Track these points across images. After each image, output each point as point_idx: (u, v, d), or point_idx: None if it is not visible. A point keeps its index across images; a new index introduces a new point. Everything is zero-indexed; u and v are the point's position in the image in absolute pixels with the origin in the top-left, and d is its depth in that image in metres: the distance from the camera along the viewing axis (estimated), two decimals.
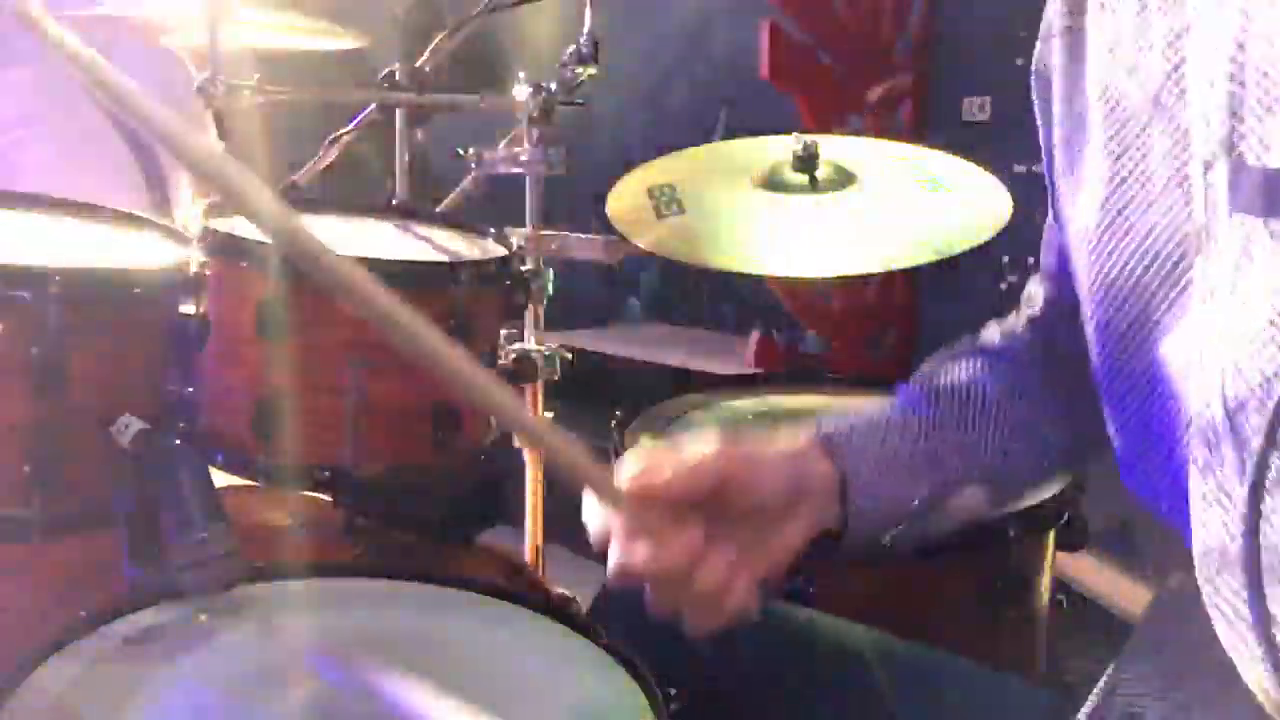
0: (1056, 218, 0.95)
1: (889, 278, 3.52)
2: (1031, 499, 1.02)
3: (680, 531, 0.83)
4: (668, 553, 0.83)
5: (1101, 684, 0.87)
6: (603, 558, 0.86)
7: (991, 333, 1.08)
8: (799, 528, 0.91)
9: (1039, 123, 0.95)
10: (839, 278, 3.39)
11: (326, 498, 1.45)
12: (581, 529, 0.88)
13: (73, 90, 2.37)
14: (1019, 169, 2.55)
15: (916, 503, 0.95)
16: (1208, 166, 0.68)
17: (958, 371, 1.02)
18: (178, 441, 1.25)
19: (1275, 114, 0.63)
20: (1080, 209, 0.86)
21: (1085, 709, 0.86)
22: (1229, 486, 0.68)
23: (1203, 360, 0.72)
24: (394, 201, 1.89)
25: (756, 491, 0.88)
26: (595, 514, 0.86)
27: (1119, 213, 0.80)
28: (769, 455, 0.91)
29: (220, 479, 1.18)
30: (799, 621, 1.11)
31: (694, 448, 0.87)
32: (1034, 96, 0.95)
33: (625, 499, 0.83)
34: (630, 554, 0.83)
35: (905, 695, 1.02)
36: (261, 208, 0.77)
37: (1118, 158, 0.81)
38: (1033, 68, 0.95)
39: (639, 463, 0.85)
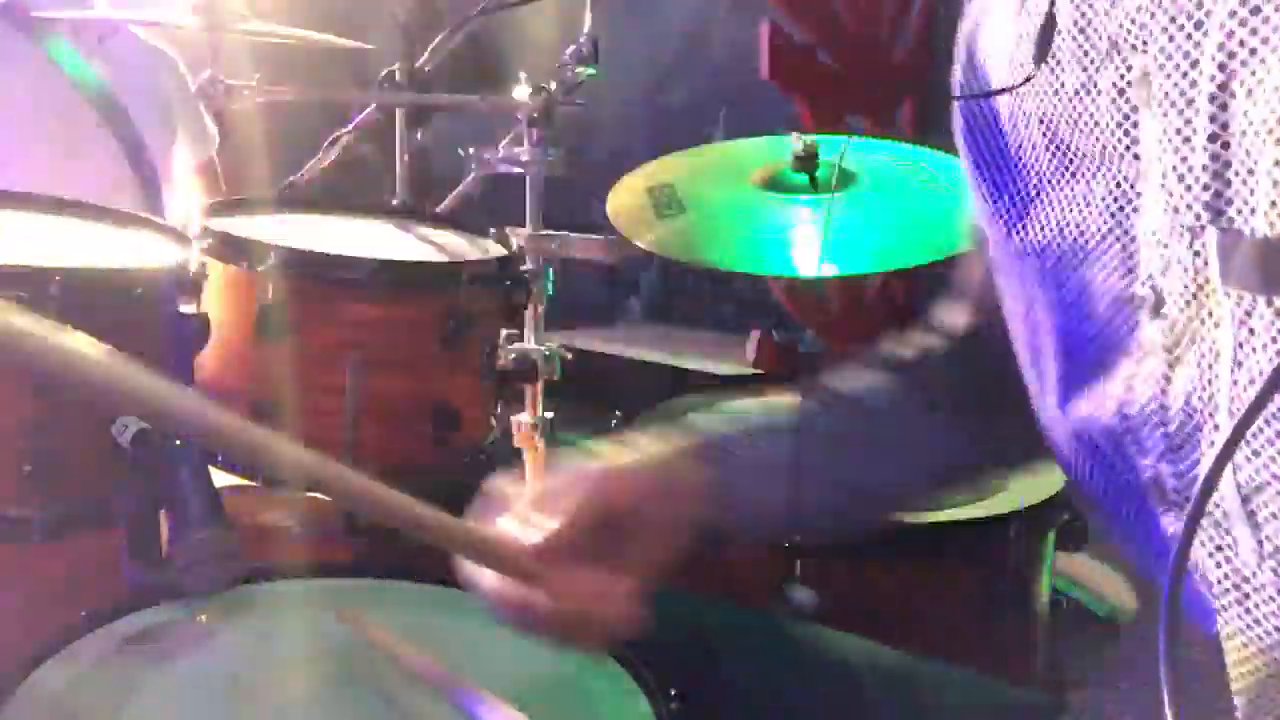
0: (983, 248, 0.92)
1: (889, 278, 3.52)
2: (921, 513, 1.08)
3: (568, 577, 0.85)
4: (561, 604, 0.85)
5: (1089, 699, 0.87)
6: None
7: (896, 346, 1.06)
8: (671, 537, 0.92)
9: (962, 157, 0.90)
10: (839, 278, 3.40)
11: (326, 498, 1.45)
12: None
13: (66, 92, 2.37)
14: None
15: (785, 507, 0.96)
16: (1194, 234, 0.64)
17: (850, 378, 1.02)
18: (178, 441, 1.25)
19: (1257, 175, 0.60)
20: (1009, 254, 0.83)
21: None
22: (1248, 570, 0.66)
23: (1167, 429, 0.70)
24: (394, 201, 1.89)
25: (635, 513, 0.89)
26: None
27: (1055, 263, 0.77)
28: (638, 474, 0.92)
29: (220, 479, 1.18)
30: (796, 633, 1.11)
31: (561, 489, 0.89)
32: (954, 130, 0.90)
33: (522, 568, 0.86)
34: (523, 611, 0.87)
35: (899, 706, 1.02)
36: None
37: (1055, 206, 0.77)
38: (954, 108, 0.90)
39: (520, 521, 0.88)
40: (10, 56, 2.33)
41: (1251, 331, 0.62)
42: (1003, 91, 0.81)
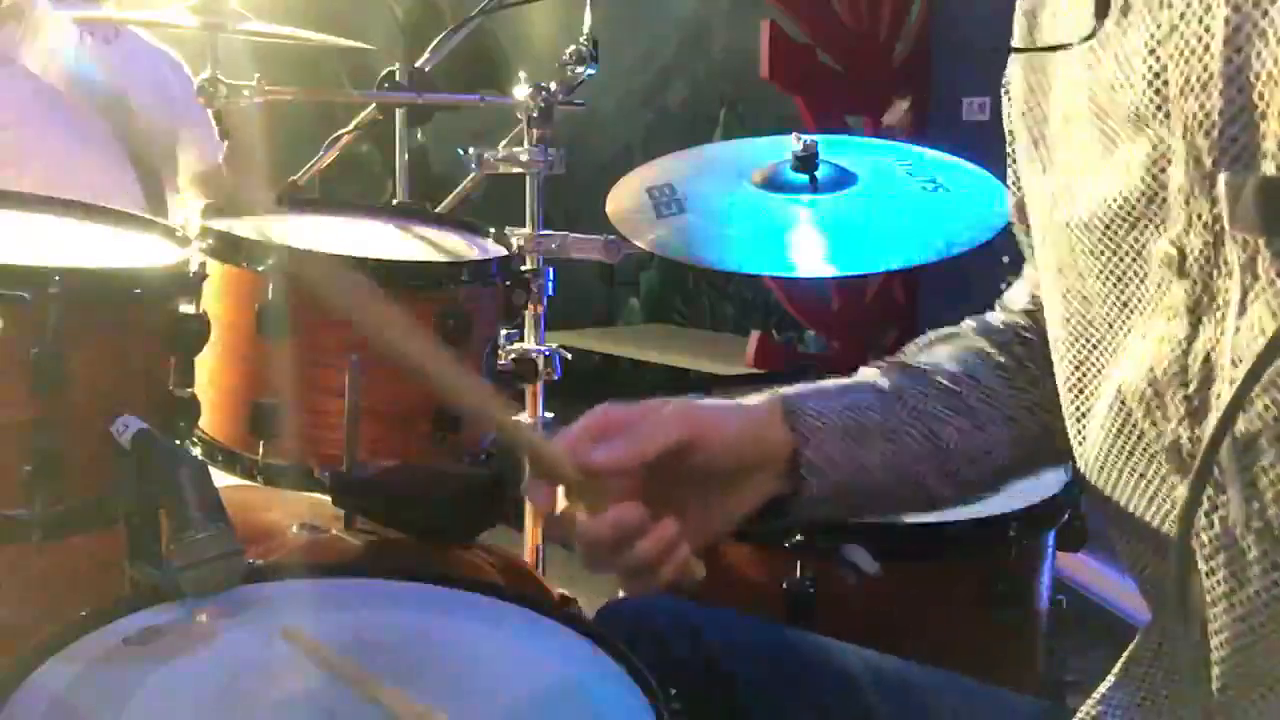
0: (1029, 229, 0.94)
1: (889, 278, 3.52)
2: (995, 494, 1.05)
3: (619, 503, 0.84)
4: (601, 525, 0.84)
5: (1089, 706, 0.87)
6: None
7: (969, 322, 1.08)
8: (748, 494, 0.92)
9: (1007, 134, 0.94)
10: (839, 278, 3.40)
11: (326, 498, 1.45)
12: None
13: (69, 91, 2.36)
14: None
15: (868, 477, 0.94)
16: (1210, 180, 0.66)
17: (928, 352, 1.03)
18: (178, 441, 1.25)
19: (1269, 118, 0.61)
20: (1054, 225, 0.84)
21: None
22: (1237, 531, 0.65)
23: (1187, 390, 0.70)
24: (394, 201, 1.89)
25: (711, 456, 0.88)
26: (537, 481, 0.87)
27: (1100, 232, 0.78)
28: (728, 418, 0.91)
29: (220, 479, 1.18)
30: (796, 640, 1.10)
31: (650, 410, 0.88)
32: (1004, 111, 0.93)
33: (576, 480, 0.85)
34: (565, 521, 0.86)
35: (898, 714, 1.02)
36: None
37: (1099, 175, 0.78)
38: (1003, 83, 0.93)
39: (592, 432, 0.86)
40: (13, 55, 2.33)
41: (1255, 277, 0.63)
42: (1058, 48, 0.83)
